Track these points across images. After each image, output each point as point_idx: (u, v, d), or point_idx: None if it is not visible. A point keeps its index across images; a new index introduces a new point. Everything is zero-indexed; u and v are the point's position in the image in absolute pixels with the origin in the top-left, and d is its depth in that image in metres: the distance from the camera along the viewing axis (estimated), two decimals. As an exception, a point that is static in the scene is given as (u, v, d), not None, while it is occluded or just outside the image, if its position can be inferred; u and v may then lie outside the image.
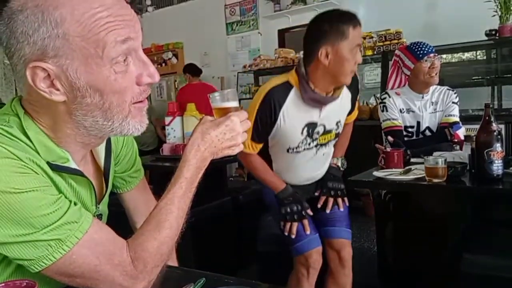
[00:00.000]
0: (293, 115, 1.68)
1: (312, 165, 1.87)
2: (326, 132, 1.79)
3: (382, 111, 2.41)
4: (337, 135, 1.86)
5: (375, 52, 4.53)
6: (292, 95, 1.67)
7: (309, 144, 1.79)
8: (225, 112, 0.90)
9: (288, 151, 1.79)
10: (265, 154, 1.84)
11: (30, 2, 0.68)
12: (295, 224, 1.73)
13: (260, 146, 1.78)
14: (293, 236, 1.74)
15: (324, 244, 1.84)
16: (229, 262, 2.69)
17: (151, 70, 0.75)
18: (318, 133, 1.77)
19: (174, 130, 2.87)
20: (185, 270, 0.97)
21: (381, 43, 4.48)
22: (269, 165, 1.85)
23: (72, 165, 0.79)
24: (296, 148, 1.78)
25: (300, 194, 1.84)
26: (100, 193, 0.92)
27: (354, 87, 1.83)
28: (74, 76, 0.70)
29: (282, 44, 6.05)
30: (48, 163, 0.75)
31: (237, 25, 6.50)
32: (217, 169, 2.87)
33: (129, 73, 0.73)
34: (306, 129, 1.73)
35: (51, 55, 0.69)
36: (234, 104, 0.94)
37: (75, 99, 0.72)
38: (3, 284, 0.64)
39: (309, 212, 1.79)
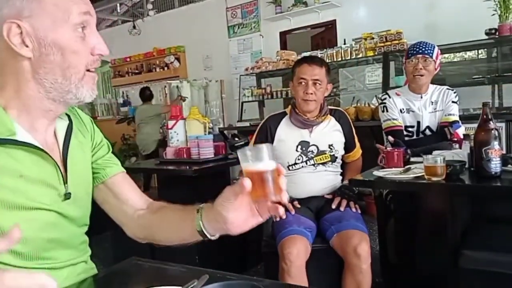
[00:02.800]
0: (287, 133, 2.18)
1: (314, 178, 2.15)
2: (320, 152, 2.16)
3: (383, 111, 2.44)
4: (333, 158, 2.17)
5: (376, 53, 4.55)
6: (285, 119, 2.21)
7: (306, 162, 2.14)
8: (258, 177, 0.76)
9: (289, 168, 2.15)
10: None
11: None
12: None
13: None
14: (284, 217, 1.92)
15: (339, 240, 1.87)
16: (233, 263, 2.72)
17: (103, 45, 0.90)
18: (312, 152, 2.15)
19: (177, 134, 2.90)
20: (188, 268, 0.99)
21: (382, 44, 4.50)
22: None
23: (19, 137, 0.86)
24: (294, 164, 2.14)
25: (308, 203, 2.11)
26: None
27: (343, 121, 2.23)
28: (43, 34, 0.83)
29: (284, 46, 6.09)
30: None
31: (238, 27, 6.53)
32: (220, 172, 2.90)
33: (86, 41, 0.88)
34: (300, 146, 2.15)
35: (26, 15, 0.82)
36: (270, 166, 0.77)
37: (40, 56, 0.84)
38: None
39: (296, 204, 2.05)
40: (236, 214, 0.81)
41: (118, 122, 6.86)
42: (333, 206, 2.02)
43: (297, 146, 2.15)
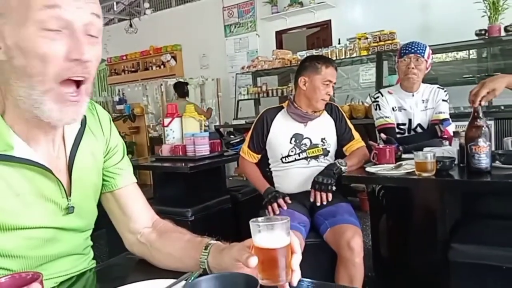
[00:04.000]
0: (282, 125, 2.22)
1: (308, 173, 2.16)
2: (313, 145, 2.20)
3: (376, 109, 2.48)
4: (325, 151, 2.22)
5: (369, 53, 4.61)
6: (282, 112, 2.26)
7: (299, 154, 2.19)
8: (268, 256, 0.67)
9: (282, 160, 2.21)
10: (268, 174, 2.28)
11: None
12: (275, 204, 2.05)
13: (257, 156, 2.29)
14: (277, 212, 2.01)
15: (333, 235, 1.91)
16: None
17: (82, 48, 0.72)
18: (305, 145, 2.20)
19: (173, 131, 2.92)
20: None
21: (376, 44, 4.56)
22: (270, 182, 2.24)
23: (16, 152, 0.78)
24: (288, 156, 2.19)
25: (302, 199, 2.12)
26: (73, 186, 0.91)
27: (336, 115, 2.28)
28: (9, 34, 0.71)
29: (279, 45, 6.13)
30: None
31: (235, 27, 6.56)
32: (215, 169, 2.93)
33: (58, 42, 0.71)
34: (293, 139, 2.20)
35: None
36: (282, 243, 0.67)
37: (8, 60, 0.73)
38: (9, 276, 0.66)
39: (288, 200, 2.08)
40: (243, 270, 0.75)
41: (114, 120, 6.86)
42: (311, 199, 2.04)
43: (291, 139, 2.19)
